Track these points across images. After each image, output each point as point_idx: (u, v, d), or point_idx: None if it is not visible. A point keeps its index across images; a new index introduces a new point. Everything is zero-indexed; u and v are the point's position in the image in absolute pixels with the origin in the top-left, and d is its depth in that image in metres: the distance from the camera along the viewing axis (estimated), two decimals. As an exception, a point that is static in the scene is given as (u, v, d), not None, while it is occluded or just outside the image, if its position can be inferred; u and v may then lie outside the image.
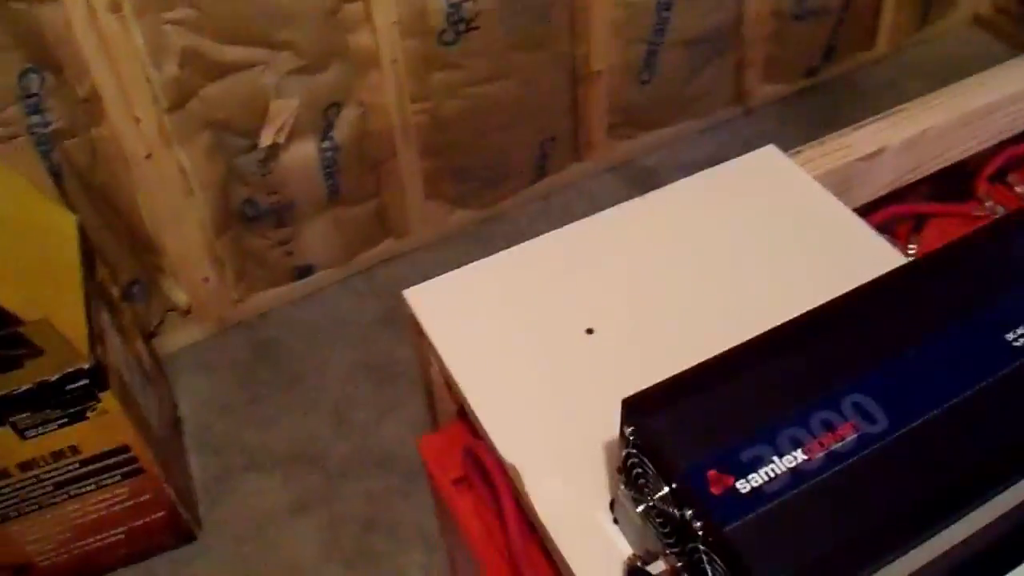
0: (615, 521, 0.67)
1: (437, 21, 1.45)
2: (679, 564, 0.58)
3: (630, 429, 0.58)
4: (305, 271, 1.64)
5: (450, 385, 0.81)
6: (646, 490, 0.58)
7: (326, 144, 1.48)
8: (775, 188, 0.94)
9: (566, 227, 0.88)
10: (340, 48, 1.40)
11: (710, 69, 1.86)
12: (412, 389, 1.52)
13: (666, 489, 0.56)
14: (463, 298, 0.85)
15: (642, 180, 1.92)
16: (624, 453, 0.60)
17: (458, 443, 0.85)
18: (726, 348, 0.60)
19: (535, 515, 0.68)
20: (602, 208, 0.86)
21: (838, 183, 0.99)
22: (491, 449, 0.73)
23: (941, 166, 1.10)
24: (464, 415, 0.84)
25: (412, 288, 0.86)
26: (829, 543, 0.51)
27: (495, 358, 0.78)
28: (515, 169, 1.75)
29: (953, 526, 0.53)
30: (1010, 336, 0.59)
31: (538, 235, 0.83)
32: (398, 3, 1.39)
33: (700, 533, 0.53)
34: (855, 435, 0.55)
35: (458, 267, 0.89)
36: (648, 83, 1.80)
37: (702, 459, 0.54)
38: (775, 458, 0.54)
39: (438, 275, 0.87)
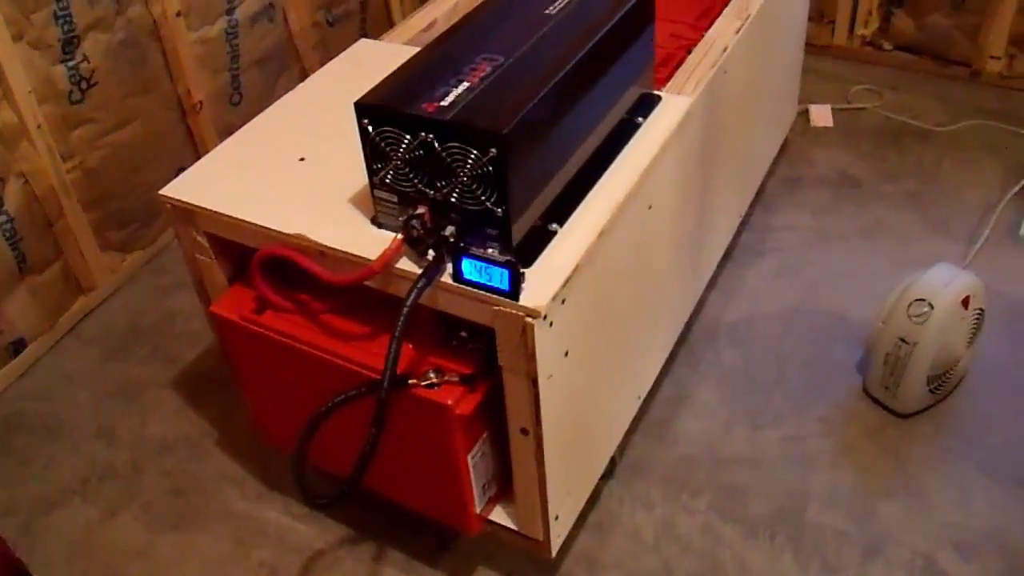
0: (380, 226, 1.06)
1: (63, 84, 1.72)
2: (431, 192, 0.97)
3: (366, 121, 0.97)
4: (19, 346, 1.79)
5: (225, 234, 1.15)
6: (391, 155, 0.97)
7: (2, 218, 1.67)
8: (385, 56, 1.39)
9: (257, 118, 1.28)
10: (-14, 129, 1.62)
11: (282, 81, 2.29)
12: (156, 393, 1.76)
13: (407, 137, 0.96)
14: (210, 176, 1.20)
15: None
16: (370, 141, 0.98)
17: (238, 298, 1.18)
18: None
19: (330, 249, 1.04)
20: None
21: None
22: (275, 240, 1.08)
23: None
24: (233, 282, 1.19)
25: (165, 188, 1.19)
26: (506, 107, 0.94)
27: (250, 190, 1.15)
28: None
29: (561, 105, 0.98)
30: (548, 10, 1.08)
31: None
32: (28, 74, 1.64)
33: (437, 137, 0.93)
34: (489, 67, 0.99)
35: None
36: (239, 104, 2.18)
37: (417, 103, 0.95)
38: (454, 88, 0.97)
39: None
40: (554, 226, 1.05)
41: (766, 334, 1.80)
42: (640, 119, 1.21)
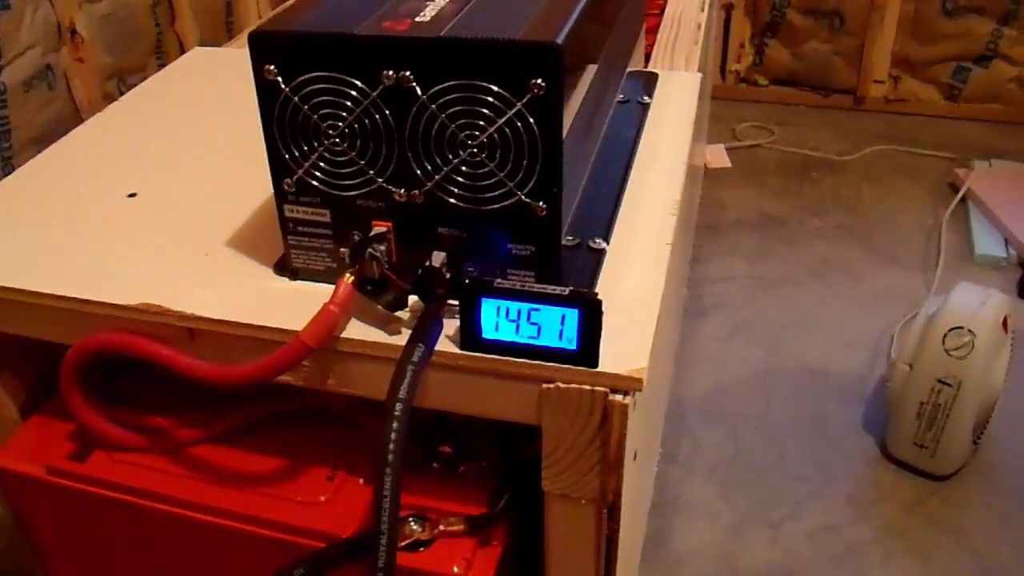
0: (294, 273, 0.60)
1: None
2: (400, 192, 0.54)
3: (272, 68, 0.53)
4: None
5: (11, 328, 0.65)
6: (320, 129, 0.53)
7: None
8: (237, 62, 0.96)
9: (56, 144, 0.81)
10: None
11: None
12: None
13: (357, 85, 0.52)
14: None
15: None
16: (279, 106, 0.54)
17: (40, 437, 0.69)
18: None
19: (208, 322, 0.58)
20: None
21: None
22: (103, 323, 0.60)
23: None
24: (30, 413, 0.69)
25: None
26: (536, 16, 0.52)
27: (53, 248, 0.67)
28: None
29: None
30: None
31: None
32: None
33: (419, 75, 0.50)
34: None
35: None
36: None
37: (369, 22, 0.52)
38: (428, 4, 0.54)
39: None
40: (598, 241, 0.62)
41: (744, 406, 1.44)
42: (646, 98, 0.82)
